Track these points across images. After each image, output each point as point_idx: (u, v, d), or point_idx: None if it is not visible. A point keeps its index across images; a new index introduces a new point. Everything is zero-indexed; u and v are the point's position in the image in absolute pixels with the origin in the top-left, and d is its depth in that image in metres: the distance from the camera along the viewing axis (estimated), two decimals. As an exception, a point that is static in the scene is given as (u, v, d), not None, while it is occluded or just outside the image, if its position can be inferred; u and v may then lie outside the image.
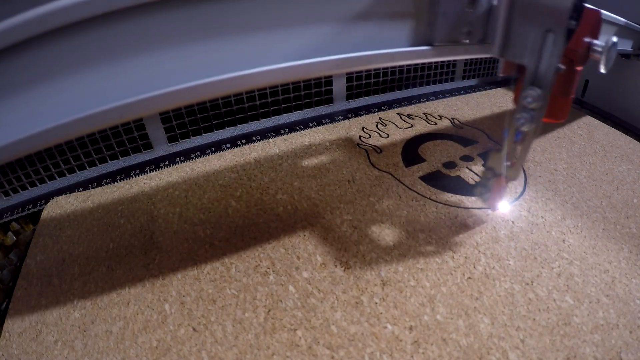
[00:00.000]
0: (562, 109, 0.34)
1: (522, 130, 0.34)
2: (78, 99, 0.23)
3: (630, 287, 0.36)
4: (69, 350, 0.32)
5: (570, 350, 0.31)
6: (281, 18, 0.25)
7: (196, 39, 0.24)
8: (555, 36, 0.28)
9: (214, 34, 0.24)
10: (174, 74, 0.24)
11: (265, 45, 0.25)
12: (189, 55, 0.24)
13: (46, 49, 0.21)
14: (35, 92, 0.22)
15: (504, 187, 0.40)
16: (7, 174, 0.53)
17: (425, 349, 0.31)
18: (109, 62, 0.23)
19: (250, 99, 0.64)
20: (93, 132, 0.30)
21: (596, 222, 0.45)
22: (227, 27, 0.24)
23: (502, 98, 0.79)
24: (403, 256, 0.40)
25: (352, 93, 0.73)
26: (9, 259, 0.44)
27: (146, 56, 0.23)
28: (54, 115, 0.23)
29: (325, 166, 0.54)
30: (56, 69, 0.22)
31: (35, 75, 0.22)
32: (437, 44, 0.31)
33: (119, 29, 0.22)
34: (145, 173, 0.56)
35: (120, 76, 0.23)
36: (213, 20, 0.24)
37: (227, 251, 0.41)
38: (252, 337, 0.32)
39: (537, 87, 0.31)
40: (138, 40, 0.23)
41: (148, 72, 0.23)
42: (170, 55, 0.23)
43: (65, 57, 0.22)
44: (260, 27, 0.25)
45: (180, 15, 0.23)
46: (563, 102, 0.34)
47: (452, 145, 0.60)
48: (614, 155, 0.58)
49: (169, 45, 0.23)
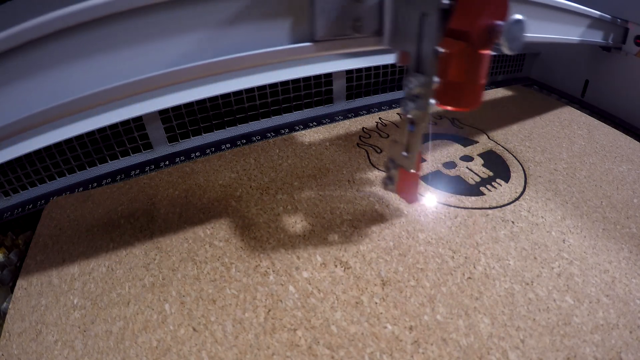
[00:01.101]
0: (471, 97, 0.32)
1: (410, 117, 0.34)
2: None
3: (630, 287, 0.36)
4: (69, 350, 0.32)
5: (570, 350, 0.31)
6: (162, 30, 0.27)
7: (93, 55, 0.27)
8: (430, 18, 0.28)
9: (101, 51, 0.27)
10: (77, 84, 0.27)
11: (150, 55, 0.28)
12: (89, 68, 0.27)
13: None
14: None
15: (414, 178, 0.38)
16: (7, 174, 0.53)
17: (425, 349, 0.31)
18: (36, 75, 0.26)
19: (250, 99, 0.64)
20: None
21: (596, 222, 0.45)
22: (116, 44, 0.27)
23: (502, 98, 0.79)
24: (403, 256, 0.40)
25: (352, 93, 0.73)
26: (9, 259, 0.44)
27: (59, 70, 0.26)
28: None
29: (325, 166, 0.54)
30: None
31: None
32: (318, 40, 0.31)
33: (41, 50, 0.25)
34: (145, 173, 0.56)
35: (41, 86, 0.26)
36: (103, 41, 0.26)
37: (227, 251, 0.41)
38: (252, 337, 0.32)
39: (419, 74, 0.31)
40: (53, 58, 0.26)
41: (60, 83, 0.27)
42: (72, 70, 0.27)
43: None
44: (144, 41, 0.27)
45: (81, 37, 0.26)
46: (472, 90, 0.31)
47: (452, 145, 0.60)
48: (614, 155, 0.58)
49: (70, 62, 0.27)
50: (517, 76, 0.94)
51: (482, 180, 0.52)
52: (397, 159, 0.38)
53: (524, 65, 0.93)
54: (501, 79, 0.92)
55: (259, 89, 0.63)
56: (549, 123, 0.68)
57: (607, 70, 0.60)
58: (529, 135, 0.63)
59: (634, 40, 0.73)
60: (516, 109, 0.73)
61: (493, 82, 0.90)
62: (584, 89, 0.82)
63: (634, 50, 0.73)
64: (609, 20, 0.67)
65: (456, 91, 0.31)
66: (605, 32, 0.69)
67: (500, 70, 0.90)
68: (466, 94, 0.32)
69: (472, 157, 0.57)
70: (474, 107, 0.32)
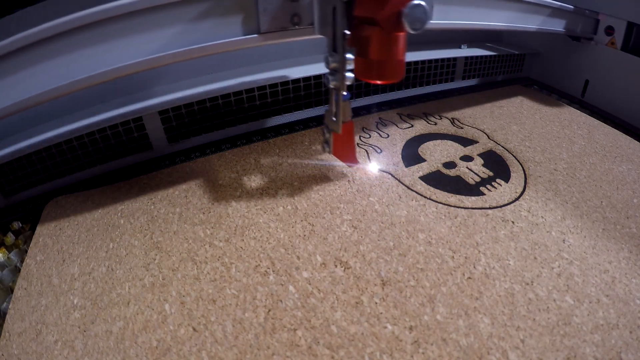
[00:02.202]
0: (393, 71, 0.39)
1: (332, 87, 0.41)
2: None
3: (630, 287, 0.36)
4: (69, 350, 0.32)
5: (570, 350, 0.31)
6: (147, 27, 0.36)
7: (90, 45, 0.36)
8: (338, 9, 0.37)
9: (98, 42, 0.36)
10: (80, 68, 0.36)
11: (138, 45, 0.37)
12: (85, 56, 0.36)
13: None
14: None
15: (350, 141, 0.47)
16: (7, 174, 0.53)
17: (425, 349, 0.31)
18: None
19: (250, 99, 0.64)
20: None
21: (596, 222, 0.45)
22: (110, 35, 0.36)
23: (502, 98, 0.79)
24: (403, 256, 0.40)
25: (352, 93, 0.73)
26: (9, 259, 0.44)
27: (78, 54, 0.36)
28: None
29: (325, 166, 0.54)
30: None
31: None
32: (263, 32, 0.39)
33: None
34: (145, 173, 0.56)
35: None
36: (106, 34, 0.36)
37: (227, 251, 0.41)
38: (252, 337, 0.32)
39: (335, 52, 0.39)
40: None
41: (75, 64, 0.36)
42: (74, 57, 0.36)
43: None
44: (132, 34, 0.36)
45: (90, 32, 0.35)
46: (392, 65, 0.38)
47: (452, 145, 0.60)
48: (614, 155, 0.58)
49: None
50: (517, 76, 0.94)
51: (482, 180, 0.52)
52: (329, 124, 0.46)
53: (524, 65, 0.93)
54: (501, 79, 0.92)
55: (259, 89, 0.63)
56: (549, 123, 0.68)
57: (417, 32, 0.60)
58: (529, 135, 0.63)
59: (604, 31, 0.75)
60: (516, 109, 0.73)
61: (493, 82, 0.90)
62: (584, 89, 0.82)
63: (605, 40, 0.75)
64: (571, 10, 0.70)
65: (379, 68, 0.38)
66: (570, 22, 0.72)
67: (500, 70, 0.90)
68: (388, 69, 0.38)
69: (472, 157, 0.57)
70: (398, 80, 0.39)
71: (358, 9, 0.36)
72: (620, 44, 0.73)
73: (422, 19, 0.33)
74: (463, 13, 0.54)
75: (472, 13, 0.55)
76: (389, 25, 0.34)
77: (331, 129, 0.46)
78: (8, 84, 0.36)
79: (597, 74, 0.78)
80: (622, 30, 0.72)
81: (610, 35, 0.74)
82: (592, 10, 0.74)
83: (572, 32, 0.74)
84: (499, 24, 0.59)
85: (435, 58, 0.79)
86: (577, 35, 0.76)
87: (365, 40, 0.37)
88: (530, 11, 0.64)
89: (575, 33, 0.75)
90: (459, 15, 0.53)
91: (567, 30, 0.72)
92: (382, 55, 0.37)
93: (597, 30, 0.76)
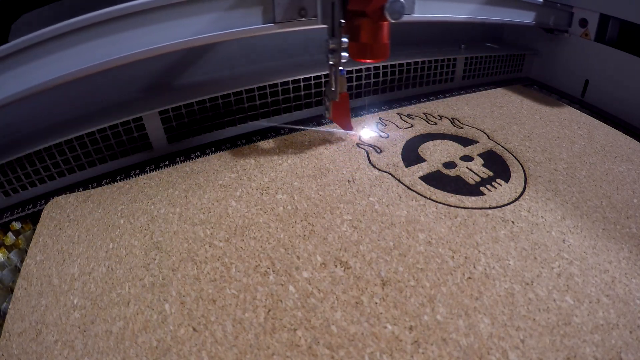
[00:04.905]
0: (379, 52, 0.48)
1: (331, 64, 0.51)
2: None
3: (630, 287, 0.36)
4: (69, 350, 0.32)
5: (570, 350, 0.31)
6: (182, 14, 0.45)
7: (134, 27, 0.44)
8: (336, 4, 0.47)
9: (142, 25, 0.44)
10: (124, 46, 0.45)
11: (175, 29, 0.45)
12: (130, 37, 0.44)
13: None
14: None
15: (345, 109, 0.56)
16: (7, 174, 0.53)
17: (425, 349, 0.31)
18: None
19: (250, 99, 0.64)
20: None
21: (596, 222, 0.45)
22: (149, 21, 0.44)
23: (502, 98, 0.79)
24: (403, 256, 0.40)
25: (352, 93, 0.73)
26: (9, 259, 0.44)
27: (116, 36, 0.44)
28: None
29: (325, 166, 0.54)
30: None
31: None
32: (277, 22, 0.48)
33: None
34: (145, 173, 0.56)
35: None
36: (140, 21, 0.44)
37: (227, 251, 0.41)
38: (252, 337, 0.32)
39: (334, 37, 0.49)
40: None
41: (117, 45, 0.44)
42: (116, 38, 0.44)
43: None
44: (169, 20, 0.45)
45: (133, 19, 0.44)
46: (378, 47, 0.47)
47: (452, 145, 0.60)
48: (614, 155, 0.58)
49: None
50: (517, 76, 0.94)
51: (482, 180, 0.52)
52: (329, 94, 0.55)
53: (524, 65, 0.93)
54: (501, 78, 0.92)
55: (259, 89, 0.63)
56: (549, 123, 0.68)
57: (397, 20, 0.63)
58: (529, 135, 0.63)
59: (578, 23, 0.78)
60: (516, 109, 0.73)
61: (493, 82, 0.90)
62: (584, 89, 0.82)
63: (579, 31, 0.78)
64: (539, 3, 0.74)
65: (368, 49, 0.47)
66: (541, 14, 0.75)
67: (500, 70, 0.90)
68: (375, 50, 0.47)
69: (472, 157, 0.57)
70: (383, 59, 0.49)
71: (352, 3, 0.46)
72: (594, 36, 0.76)
73: (400, 11, 0.43)
74: (432, 7, 0.60)
75: (441, 6, 0.61)
76: (375, 16, 0.44)
77: (330, 98, 0.55)
78: (74, 53, 0.43)
79: (596, 74, 0.78)
80: (595, 22, 0.75)
81: (584, 27, 0.77)
82: (564, 4, 0.77)
83: (544, 24, 0.77)
84: (462, 17, 0.64)
85: (435, 58, 0.79)
86: (550, 27, 0.79)
87: (357, 28, 0.47)
88: (498, 4, 0.68)
89: (547, 25, 0.78)
90: (425, 9, 0.59)
91: (538, 23, 0.75)
92: (371, 40, 0.47)
93: (572, 23, 0.79)
